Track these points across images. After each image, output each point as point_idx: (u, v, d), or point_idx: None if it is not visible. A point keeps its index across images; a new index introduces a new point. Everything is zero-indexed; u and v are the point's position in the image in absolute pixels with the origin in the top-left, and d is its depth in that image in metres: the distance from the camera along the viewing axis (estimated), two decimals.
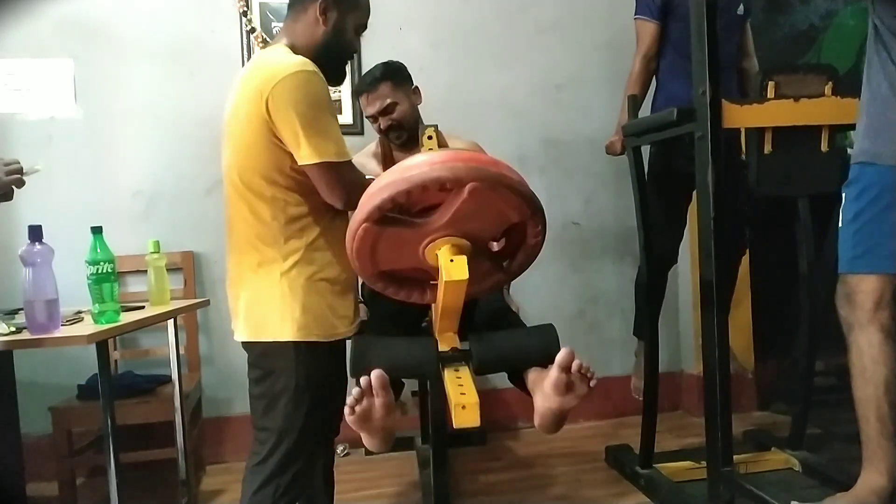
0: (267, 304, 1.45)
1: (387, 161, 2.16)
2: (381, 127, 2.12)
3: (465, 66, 2.80)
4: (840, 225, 1.67)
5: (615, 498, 2.25)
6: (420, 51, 2.90)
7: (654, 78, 2.46)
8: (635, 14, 2.42)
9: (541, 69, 2.99)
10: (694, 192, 1.95)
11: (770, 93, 2.02)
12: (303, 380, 1.45)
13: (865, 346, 1.61)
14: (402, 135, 2.12)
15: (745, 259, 2.98)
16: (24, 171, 1.66)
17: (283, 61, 1.39)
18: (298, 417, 1.46)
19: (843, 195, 1.68)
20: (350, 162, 1.44)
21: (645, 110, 2.38)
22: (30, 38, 2.52)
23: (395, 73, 2.12)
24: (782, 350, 2.87)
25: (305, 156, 1.37)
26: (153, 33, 2.67)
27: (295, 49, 1.47)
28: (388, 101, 2.09)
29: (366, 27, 1.58)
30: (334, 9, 1.49)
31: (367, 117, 2.18)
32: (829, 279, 1.79)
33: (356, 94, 2.27)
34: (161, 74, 2.70)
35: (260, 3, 2.73)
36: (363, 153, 2.23)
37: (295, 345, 1.44)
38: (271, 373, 1.47)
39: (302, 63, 1.38)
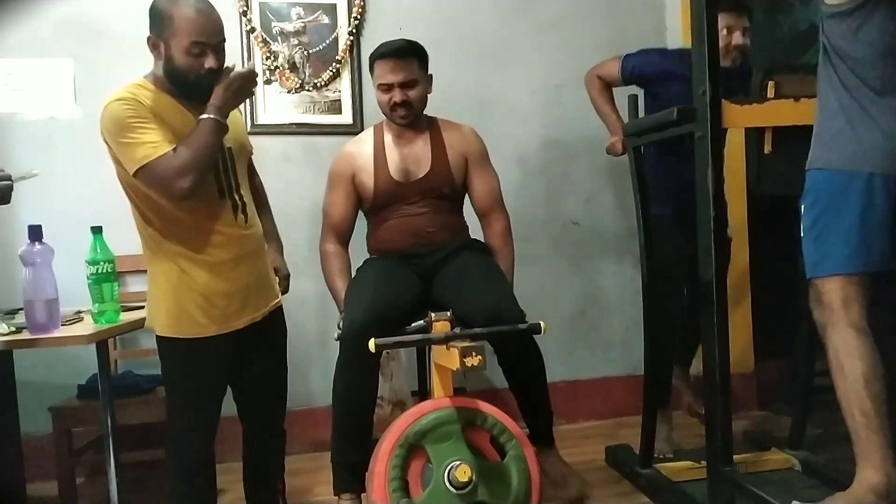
0: (152, 299, 1.66)
1: (378, 154, 2.10)
2: (395, 100, 2.03)
3: (465, 66, 2.79)
4: (801, 234, 1.76)
5: (615, 498, 2.25)
6: None
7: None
8: (625, 54, 2.43)
9: (541, 69, 2.99)
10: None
11: (770, 93, 2.02)
12: (170, 375, 1.67)
13: (840, 343, 1.65)
14: (409, 116, 2.07)
15: (745, 259, 2.99)
16: (13, 178, 1.61)
17: (110, 97, 1.56)
18: (174, 414, 1.68)
19: (801, 207, 1.76)
20: (168, 152, 1.51)
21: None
22: (30, 38, 2.51)
23: (423, 55, 2.10)
24: (782, 350, 2.87)
25: (130, 169, 1.51)
26: None
27: (156, 78, 1.62)
28: (413, 76, 2.04)
29: (204, 44, 1.56)
30: (158, 41, 1.59)
31: (379, 85, 2.06)
32: None
33: (376, 59, 2.07)
34: None
35: (260, 3, 2.73)
36: (354, 142, 2.18)
37: (168, 340, 1.63)
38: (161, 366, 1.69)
39: (116, 94, 1.55)
